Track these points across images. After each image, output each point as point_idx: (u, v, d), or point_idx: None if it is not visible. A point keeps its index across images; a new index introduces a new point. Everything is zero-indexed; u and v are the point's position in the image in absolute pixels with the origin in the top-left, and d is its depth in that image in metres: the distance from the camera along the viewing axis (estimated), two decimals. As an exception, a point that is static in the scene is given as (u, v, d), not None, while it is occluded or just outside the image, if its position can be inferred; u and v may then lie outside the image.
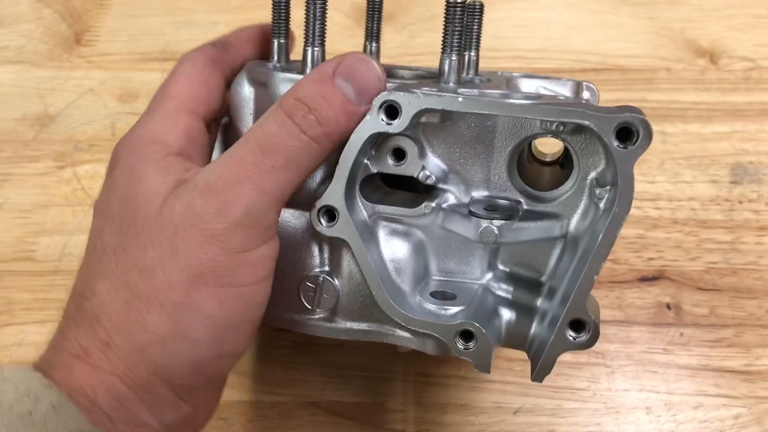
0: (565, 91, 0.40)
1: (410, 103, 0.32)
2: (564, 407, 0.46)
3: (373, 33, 0.40)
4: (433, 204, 0.34)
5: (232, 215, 0.30)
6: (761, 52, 0.63)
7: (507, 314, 0.35)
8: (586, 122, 0.30)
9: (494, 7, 0.68)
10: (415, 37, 0.62)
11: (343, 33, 0.64)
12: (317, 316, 0.36)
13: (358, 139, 0.32)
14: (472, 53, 0.40)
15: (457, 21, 0.34)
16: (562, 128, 0.33)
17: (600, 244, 0.31)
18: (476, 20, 0.40)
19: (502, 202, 0.35)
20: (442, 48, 0.35)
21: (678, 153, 0.57)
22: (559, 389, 0.46)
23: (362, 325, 0.35)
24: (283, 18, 0.38)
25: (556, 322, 0.32)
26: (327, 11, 0.36)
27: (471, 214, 0.34)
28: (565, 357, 0.35)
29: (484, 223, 0.33)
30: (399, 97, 0.32)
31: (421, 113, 0.32)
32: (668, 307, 0.49)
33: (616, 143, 0.30)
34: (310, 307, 0.35)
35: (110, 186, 0.34)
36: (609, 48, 0.64)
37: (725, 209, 0.54)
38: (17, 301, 0.50)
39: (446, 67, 0.35)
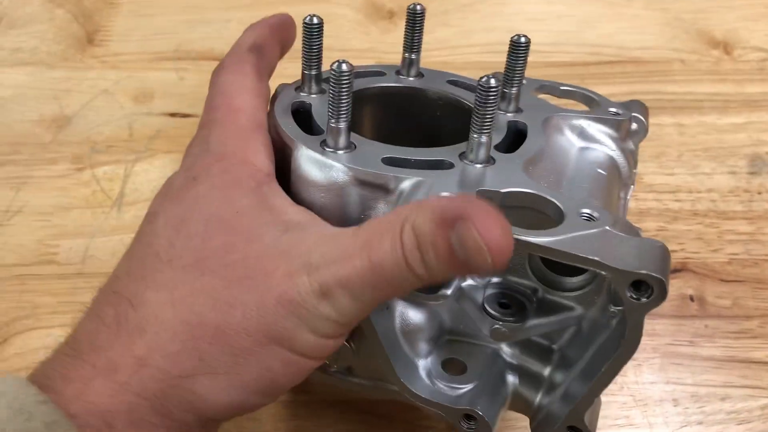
0: (611, 130, 0.38)
1: None
2: (592, 401, 0.46)
3: (414, 44, 0.39)
4: (450, 291, 0.33)
5: (331, 313, 0.29)
6: (775, 43, 0.64)
7: (514, 380, 0.35)
8: (603, 272, 0.29)
9: (508, 1, 0.68)
10: (428, 32, 0.62)
11: (357, 29, 0.64)
12: (334, 370, 0.37)
13: None
14: (513, 90, 0.37)
15: (489, 104, 0.31)
16: None
17: (603, 375, 0.31)
18: (521, 59, 0.37)
19: (517, 294, 0.34)
20: (471, 126, 0.32)
21: (695, 145, 0.57)
22: (587, 383, 0.47)
23: (377, 383, 0.36)
24: (315, 50, 0.36)
25: (569, 398, 0.32)
26: (352, 90, 0.32)
27: (484, 310, 0.34)
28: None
29: (496, 324, 0.33)
30: None
31: None
32: (692, 299, 0.50)
33: (629, 294, 0.28)
34: (327, 363, 0.36)
35: (191, 199, 0.32)
36: (623, 40, 0.64)
37: (744, 200, 0.54)
38: (42, 304, 0.50)
39: (473, 146, 0.32)
